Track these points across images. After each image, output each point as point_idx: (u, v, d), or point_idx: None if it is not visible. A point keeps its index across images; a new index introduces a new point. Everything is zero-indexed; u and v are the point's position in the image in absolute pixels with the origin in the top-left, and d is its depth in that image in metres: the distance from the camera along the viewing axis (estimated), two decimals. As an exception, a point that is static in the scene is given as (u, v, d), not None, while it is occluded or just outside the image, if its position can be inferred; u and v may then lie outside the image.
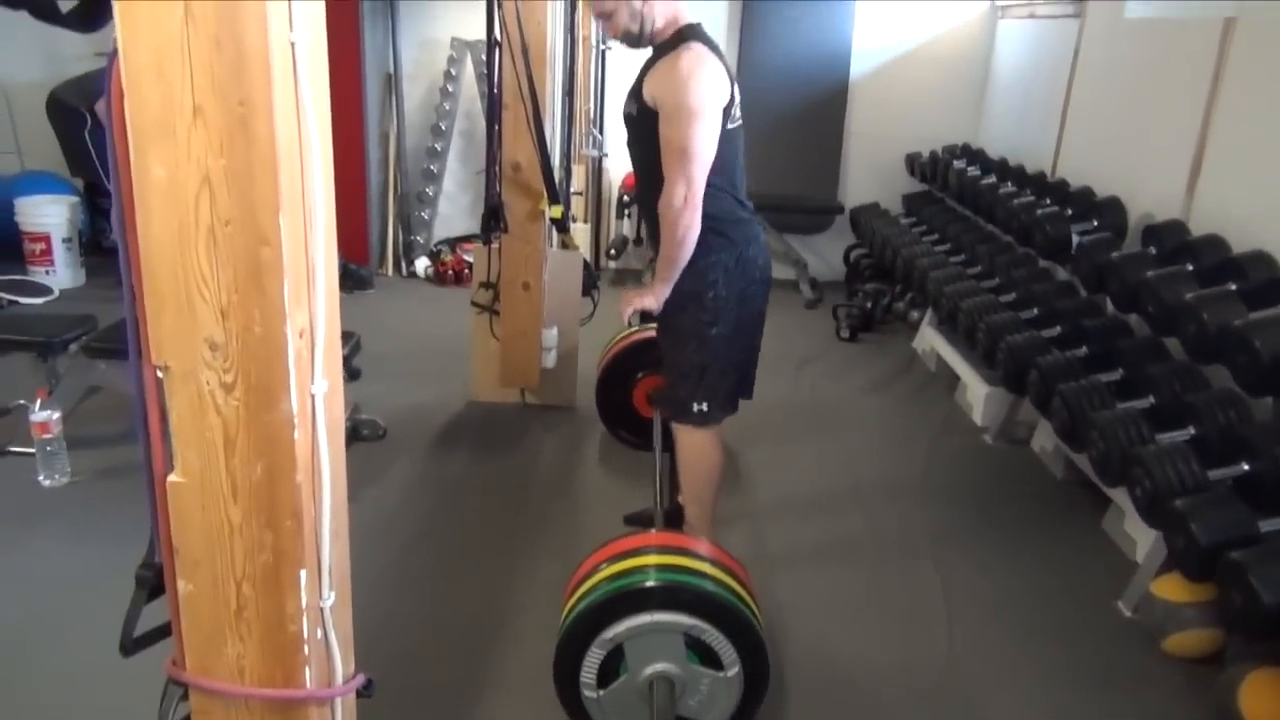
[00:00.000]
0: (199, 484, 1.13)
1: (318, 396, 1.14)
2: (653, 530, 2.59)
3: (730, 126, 2.46)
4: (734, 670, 2.05)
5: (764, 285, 2.68)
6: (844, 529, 3.22)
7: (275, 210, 1.02)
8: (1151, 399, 2.89)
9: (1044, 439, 3.74)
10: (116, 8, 0.97)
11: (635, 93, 2.47)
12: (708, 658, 2.05)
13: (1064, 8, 4.75)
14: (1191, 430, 2.67)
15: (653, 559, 2.15)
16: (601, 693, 2.08)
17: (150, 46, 0.98)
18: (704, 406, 2.63)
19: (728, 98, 2.41)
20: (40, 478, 3.12)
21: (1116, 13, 4.10)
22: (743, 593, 2.13)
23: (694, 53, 2.36)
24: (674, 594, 2.04)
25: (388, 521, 3.06)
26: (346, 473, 1.28)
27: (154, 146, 1.00)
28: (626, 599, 2.05)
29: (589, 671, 2.06)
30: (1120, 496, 3.01)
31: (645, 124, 2.43)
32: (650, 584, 2.06)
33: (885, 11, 5.83)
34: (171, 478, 1.14)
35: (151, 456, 1.15)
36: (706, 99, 2.35)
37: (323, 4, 1.09)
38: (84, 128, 4.90)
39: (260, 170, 1.00)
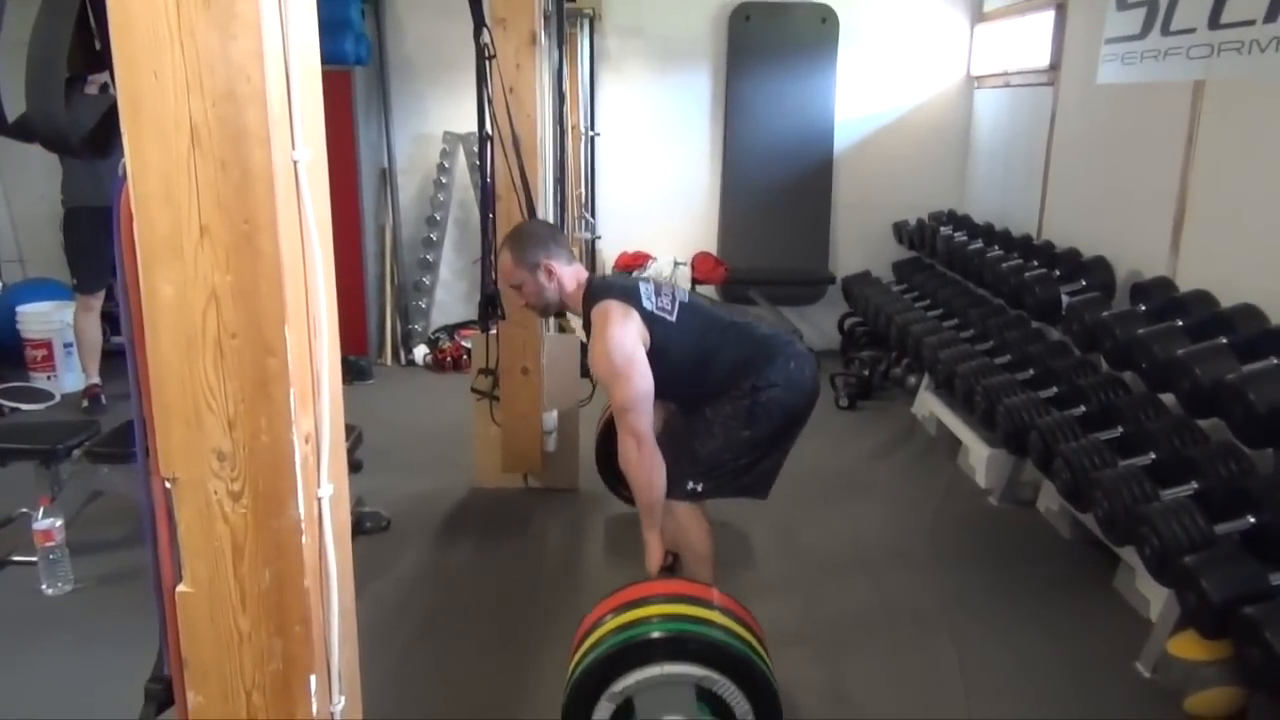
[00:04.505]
0: (208, 593, 1.14)
1: (324, 500, 1.15)
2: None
3: (673, 319, 2.61)
4: None
5: (811, 398, 2.76)
6: (855, 601, 3.19)
7: (281, 322, 1.05)
8: (1152, 455, 2.90)
9: (1049, 499, 3.74)
10: (126, 135, 1.02)
11: None
12: (719, 709, 2.00)
13: (1037, 76, 4.89)
14: (1194, 485, 2.67)
15: (661, 609, 2.11)
16: None
17: (158, 171, 1.02)
18: (698, 487, 2.65)
19: (646, 330, 2.57)
20: (43, 586, 3.10)
21: (1088, 79, 4.23)
22: (754, 642, 2.08)
23: (600, 315, 2.58)
24: (683, 644, 2.00)
25: (392, 617, 3.03)
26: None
27: (162, 266, 1.04)
28: (635, 650, 2.01)
29: None
30: (1130, 555, 2.99)
31: None
32: (659, 635, 2.02)
33: (865, 85, 5.99)
34: (180, 588, 1.15)
35: (160, 568, 1.16)
36: (623, 354, 2.52)
37: (322, 119, 1.14)
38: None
39: (266, 284, 1.04)
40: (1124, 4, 3.94)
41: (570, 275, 2.74)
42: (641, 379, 2.52)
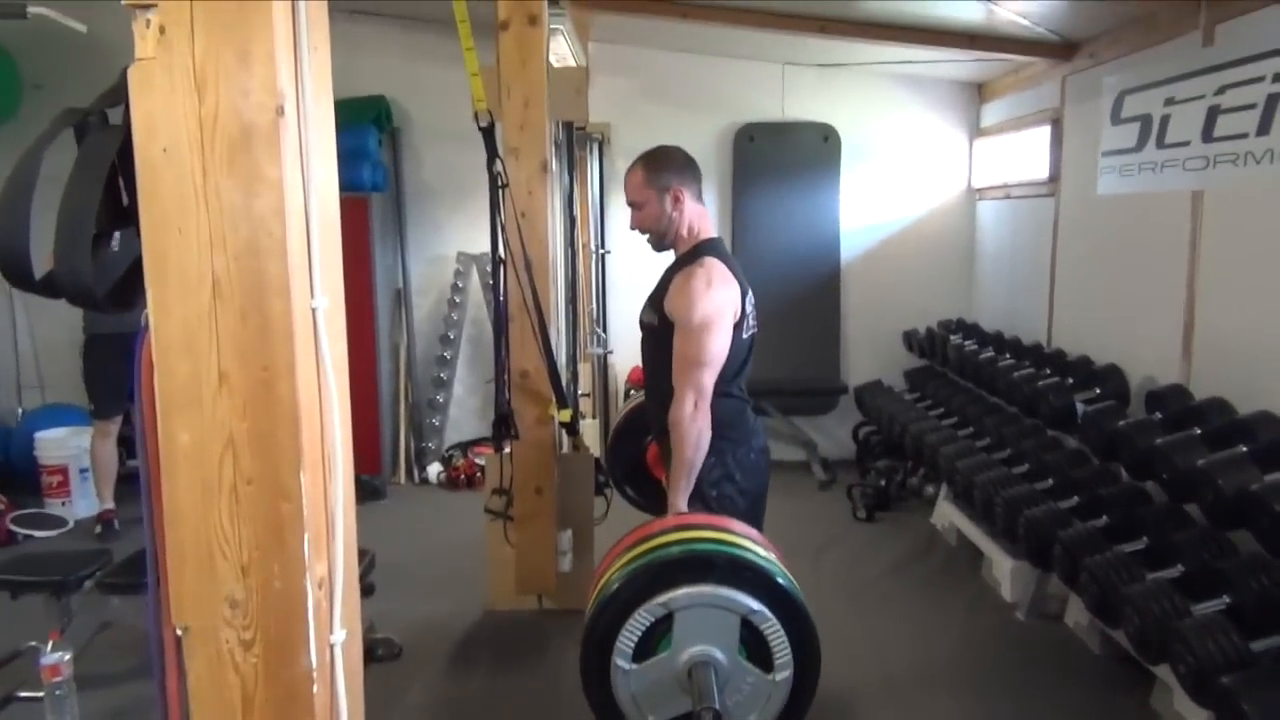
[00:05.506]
0: (217, 746, 1.11)
1: (337, 647, 1.13)
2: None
3: (744, 336, 2.57)
4: (784, 674, 1.89)
5: (765, 483, 2.73)
6: (882, 726, 3.08)
7: (297, 468, 1.05)
8: (1180, 567, 2.83)
9: (1077, 613, 3.63)
10: (150, 288, 1.05)
11: (655, 302, 2.59)
12: (756, 655, 1.89)
13: (1037, 188, 5.00)
14: (1226, 599, 2.60)
15: (720, 534, 2.01)
16: (634, 666, 1.89)
17: (180, 321, 1.04)
18: None
19: (739, 312, 2.53)
20: (48, 724, 3.02)
21: (1088, 189, 4.31)
22: (803, 597, 1.98)
23: (707, 268, 2.50)
24: (742, 571, 1.89)
25: (406, 749, 2.94)
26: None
27: (180, 414, 1.05)
28: (692, 564, 1.90)
29: (628, 638, 1.87)
30: (1165, 672, 2.88)
31: (665, 334, 2.53)
32: (722, 553, 1.92)
33: (869, 198, 6.12)
34: (189, 741, 1.12)
35: (169, 720, 1.14)
36: (716, 312, 2.46)
37: (340, 266, 1.17)
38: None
39: (283, 430, 1.05)
40: (1118, 119, 4.05)
41: (695, 214, 2.64)
42: (724, 340, 2.46)
